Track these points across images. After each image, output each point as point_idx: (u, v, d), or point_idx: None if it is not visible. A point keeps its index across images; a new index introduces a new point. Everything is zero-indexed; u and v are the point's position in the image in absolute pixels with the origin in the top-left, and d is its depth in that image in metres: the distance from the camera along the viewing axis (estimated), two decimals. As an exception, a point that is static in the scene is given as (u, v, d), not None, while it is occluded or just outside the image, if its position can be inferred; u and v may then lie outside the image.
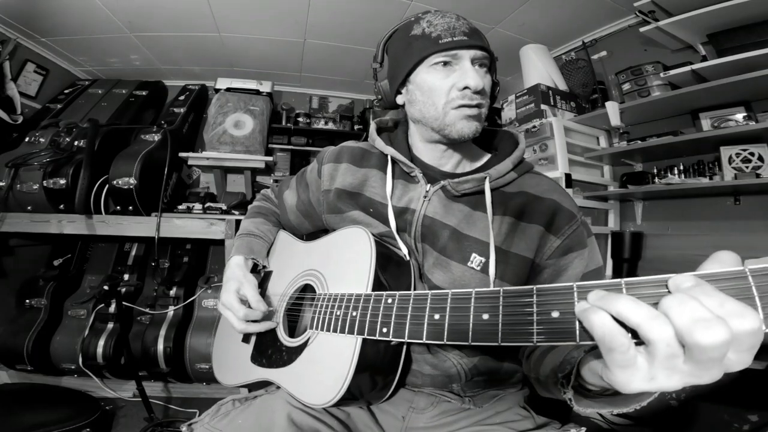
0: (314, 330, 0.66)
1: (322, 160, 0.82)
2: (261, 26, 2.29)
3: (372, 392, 0.63)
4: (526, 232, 0.65)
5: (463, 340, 0.44)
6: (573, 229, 0.65)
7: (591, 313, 0.32)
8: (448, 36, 0.63)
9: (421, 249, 0.69)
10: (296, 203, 0.88)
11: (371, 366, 0.59)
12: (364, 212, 0.74)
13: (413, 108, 0.70)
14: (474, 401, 0.71)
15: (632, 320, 0.30)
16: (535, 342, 0.38)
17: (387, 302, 0.55)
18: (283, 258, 0.87)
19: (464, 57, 0.64)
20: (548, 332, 0.37)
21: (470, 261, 0.65)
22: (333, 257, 0.72)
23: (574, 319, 0.35)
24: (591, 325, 0.32)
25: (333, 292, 0.66)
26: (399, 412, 0.71)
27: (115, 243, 2.22)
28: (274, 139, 2.97)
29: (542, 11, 2.04)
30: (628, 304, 0.30)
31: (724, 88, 1.54)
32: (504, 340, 0.40)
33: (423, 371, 0.69)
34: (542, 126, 2.01)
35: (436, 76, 0.65)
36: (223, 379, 0.84)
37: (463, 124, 0.65)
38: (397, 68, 0.69)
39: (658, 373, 0.30)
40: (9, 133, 2.05)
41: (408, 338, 0.50)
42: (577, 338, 0.35)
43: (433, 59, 0.64)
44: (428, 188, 0.69)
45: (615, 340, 0.31)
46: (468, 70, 0.63)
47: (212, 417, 0.66)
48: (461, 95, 0.63)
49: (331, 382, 0.58)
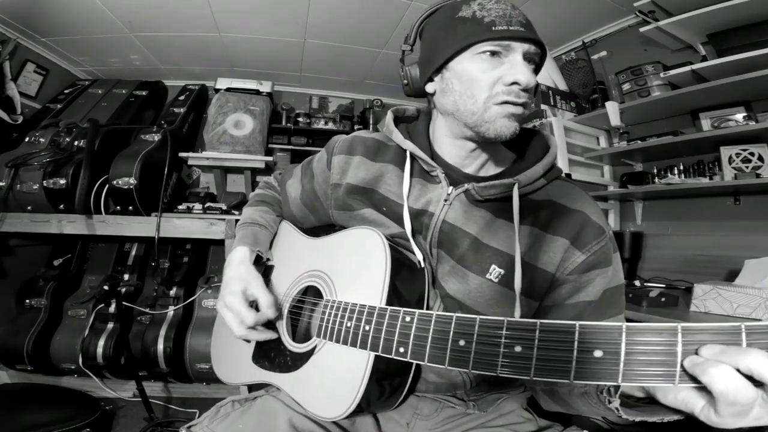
0: (321, 339, 0.63)
1: (333, 150, 0.74)
2: (261, 26, 2.29)
3: (381, 404, 0.62)
4: (550, 245, 0.61)
5: (490, 371, 0.41)
6: (600, 245, 0.60)
7: (711, 366, 0.31)
8: (503, 24, 0.56)
9: (437, 255, 0.65)
10: (300, 194, 0.81)
11: (382, 381, 0.58)
12: (376, 211, 0.69)
13: (446, 98, 0.62)
14: (477, 405, 0.71)
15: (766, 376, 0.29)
16: (571, 380, 0.36)
17: (405, 320, 0.51)
18: (286, 252, 0.82)
19: (517, 50, 0.57)
20: (587, 371, 0.36)
21: (489, 273, 0.61)
22: (342, 260, 0.68)
23: (617, 360, 0.34)
24: (711, 379, 0.31)
25: (342, 299, 0.62)
26: (403, 418, 0.70)
27: (115, 243, 2.22)
28: (274, 139, 2.97)
29: (542, 11, 2.03)
30: (763, 360, 0.30)
31: (724, 88, 1.54)
32: (537, 375, 0.38)
33: (428, 379, 0.68)
34: (542, 126, 2.01)
35: (481, 66, 0.57)
36: (223, 375, 0.83)
37: (503, 123, 0.58)
38: (434, 51, 0.62)
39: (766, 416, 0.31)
40: (9, 133, 2.04)
41: (428, 362, 0.47)
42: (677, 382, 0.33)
43: (481, 47, 0.57)
44: (450, 191, 0.64)
45: (742, 395, 0.30)
46: (519, 63, 0.57)
47: (211, 419, 0.65)
48: (507, 90, 0.57)
49: (342, 395, 0.56)
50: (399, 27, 2.21)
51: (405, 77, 0.67)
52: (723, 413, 0.32)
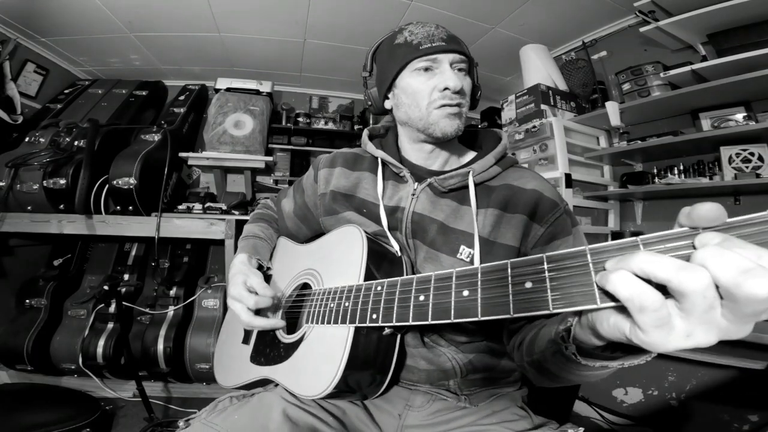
0: (310, 324, 0.68)
1: (318, 165, 0.87)
2: (261, 26, 2.29)
3: (367, 385, 0.63)
4: (510, 222, 0.68)
5: (446, 318, 0.46)
6: (556, 216, 0.68)
7: (611, 274, 0.31)
8: (427, 42, 0.69)
9: (413, 245, 0.72)
10: (293, 209, 0.91)
11: (365, 357, 0.60)
12: (357, 213, 0.77)
13: (399, 111, 0.75)
14: (470, 400, 0.71)
15: (659, 275, 0.29)
16: (511, 313, 0.39)
17: (377, 290, 0.57)
18: (283, 261, 0.88)
19: (443, 61, 0.69)
20: (523, 302, 0.38)
21: (459, 253, 0.68)
22: (328, 255, 0.75)
23: (545, 287, 0.37)
24: (615, 287, 0.31)
25: (327, 287, 0.68)
26: (395, 409, 0.72)
27: (115, 243, 2.22)
28: (274, 139, 2.97)
29: (542, 11, 2.04)
30: (652, 258, 0.29)
31: (724, 88, 1.54)
32: (483, 314, 0.42)
33: (418, 366, 0.70)
34: (542, 126, 2.01)
35: (419, 80, 0.70)
36: (223, 381, 0.85)
37: (446, 123, 0.69)
38: (383, 75, 0.75)
39: (696, 329, 0.29)
40: (9, 133, 2.05)
41: (396, 321, 0.53)
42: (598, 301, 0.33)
43: (415, 64, 0.70)
44: (416, 186, 0.73)
45: (645, 298, 0.29)
46: (447, 72, 0.68)
47: (209, 413, 0.67)
48: (442, 95, 0.68)
49: (325, 372, 0.59)
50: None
51: (369, 99, 0.80)
52: (643, 325, 0.31)
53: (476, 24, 2.18)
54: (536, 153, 2.06)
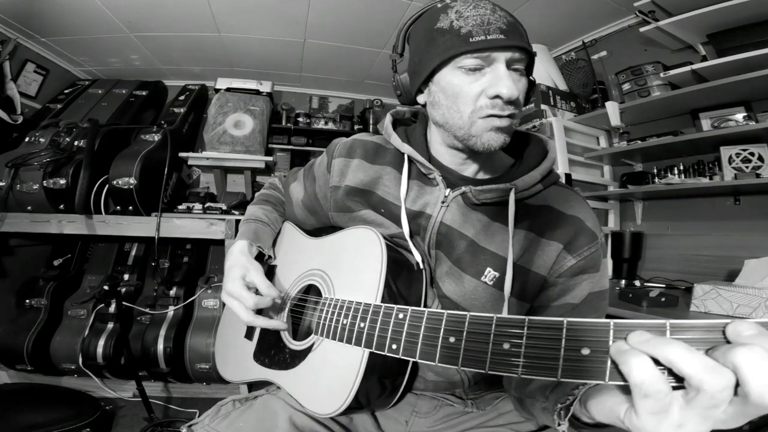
0: (319, 336, 0.64)
1: (333, 153, 0.75)
2: (261, 26, 2.29)
3: (377, 401, 0.62)
4: (545, 249, 0.61)
5: (479, 368, 0.41)
6: (591, 251, 0.61)
7: (631, 356, 0.30)
8: (480, 33, 0.53)
9: (435, 256, 0.65)
10: (303, 197, 0.82)
11: (378, 378, 0.58)
12: (375, 212, 0.70)
13: (435, 111, 0.62)
14: (476, 404, 0.71)
15: (684, 369, 0.28)
16: (559, 378, 0.36)
17: (398, 317, 0.52)
18: (288, 252, 0.83)
19: (499, 59, 0.55)
20: (574, 369, 0.35)
21: (484, 275, 0.62)
22: (340, 259, 0.69)
23: (606, 358, 0.33)
24: (629, 369, 0.30)
25: (339, 297, 0.63)
26: (402, 416, 0.70)
27: (115, 243, 2.22)
28: (274, 139, 2.97)
29: (542, 11, 2.03)
30: (682, 352, 0.28)
31: (724, 88, 1.54)
32: (525, 373, 0.38)
33: (427, 377, 0.68)
34: (542, 126, 2.01)
35: (464, 80, 0.56)
36: (225, 372, 0.84)
37: (490, 137, 0.57)
38: (419, 65, 0.61)
39: (690, 421, 0.29)
40: (9, 133, 2.04)
41: (419, 358, 0.48)
42: (607, 378, 0.33)
43: (461, 61, 0.55)
44: (447, 193, 0.64)
45: (654, 387, 0.29)
46: (502, 75, 0.54)
47: (212, 418, 0.66)
48: (491, 104, 0.55)
49: (337, 392, 0.57)
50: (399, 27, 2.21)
51: (397, 87, 0.67)
52: (640, 410, 0.31)
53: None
54: (536, 153, 2.05)
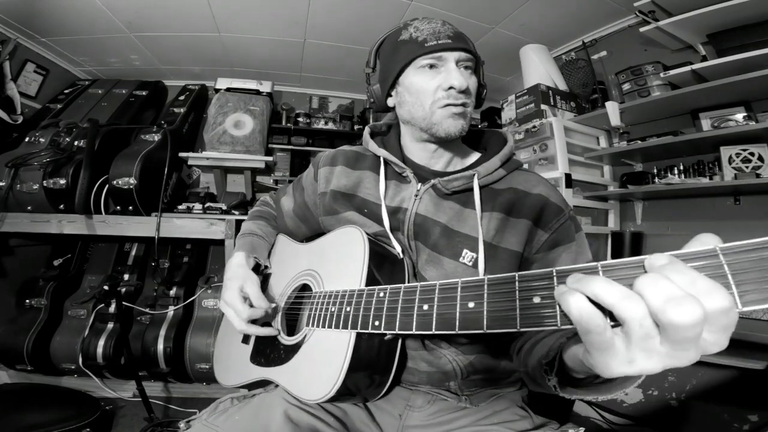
0: (310, 327, 0.68)
1: (318, 163, 0.85)
2: (261, 26, 2.29)
3: (368, 388, 0.63)
4: (515, 227, 0.67)
5: (450, 328, 0.45)
6: (561, 223, 0.67)
7: (568, 295, 0.32)
8: (433, 39, 0.66)
9: (415, 247, 0.71)
10: (293, 207, 0.90)
11: (366, 361, 0.60)
12: (358, 213, 0.76)
13: (402, 109, 0.73)
14: (471, 400, 0.71)
15: (606, 300, 0.30)
16: (518, 327, 0.38)
17: (379, 296, 0.56)
18: (282, 260, 0.87)
19: (449, 59, 0.67)
20: (530, 317, 0.38)
21: (462, 257, 0.67)
22: (328, 256, 0.74)
23: (554, 303, 0.35)
24: (568, 308, 0.32)
25: (328, 289, 0.68)
26: (396, 410, 0.71)
27: (115, 243, 2.22)
28: (274, 139, 2.97)
29: (542, 11, 2.04)
30: (603, 284, 0.31)
31: (724, 88, 1.54)
32: (489, 327, 0.41)
33: (419, 368, 0.70)
34: (542, 126, 2.01)
35: (423, 78, 0.68)
36: (224, 380, 0.85)
37: (450, 123, 0.67)
38: (387, 72, 0.72)
39: (637, 356, 0.31)
40: (9, 133, 2.05)
41: (398, 329, 0.52)
42: (558, 322, 0.35)
43: (419, 62, 0.67)
44: (419, 187, 0.72)
45: (591, 321, 0.31)
46: (452, 71, 0.66)
47: (210, 414, 0.67)
48: (447, 95, 0.66)
49: (327, 377, 0.59)
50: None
51: (371, 96, 0.77)
52: (589, 347, 0.33)
53: (476, 24, 2.18)
54: (536, 153, 2.06)
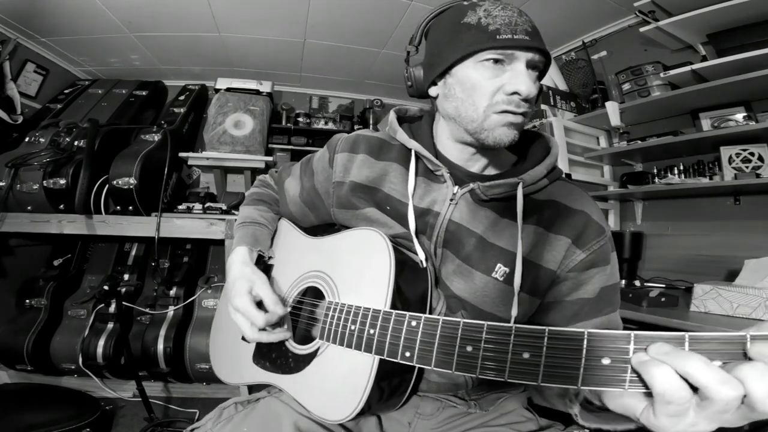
0: (324, 341, 0.63)
1: (335, 148, 0.73)
2: (261, 26, 2.29)
3: (386, 406, 0.62)
4: (552, 243, 0.62)
5: (498, 376, 0.42)
6: (600, 244, 0.62)
7: (652, 366, 0.33)
8: (508, 32, 0.55)
9: (441, 254, 0.65)
10: (299, 192, 0.80)
11: (387, 383, 0.58)
12: (379, 210, 0.68)
13: (448, 103, 0.62)
14: (479, 404, 0.71)
15: (700, 381, 0.31)
16: (579, 386, 0.37)
17: (411, 325, 0.51)
18: (286, 251, 0.81)
19: (520, 59, 0.57)
20: (595, 377, 0.36)
21: (494, 272, 0.62)
22: (345, 262, 0.67)
23: (627, 368, 0.35)
24: (652, 379, 0.32)
25: (345, 301, 0.62)
26: (405, 418, 0.70)
27: (115, 243, 2.22)
28: (274, 139, 2.97)
29: (542, 11, 2.03)
30: (699, 365, 0.31)
31: (724, 88, 1.54)
32: (544, 381, 0.39)
33: (430, 378, 0.68)
34: (542, 126, 2.02)
35: (484, 74, 0.57)
36: (222, 374, 0.82)
37: (502, 131, 0.58)
38: (438, 57, 0.62)
39: (703, 421, 0.32)
40: (9, 133, 2.04)
41: (435, 366, 0.48)
42: (627, 386, 0.35)
43: (484, 55, 0.57)
44: (456, 190, 0.64)
45: (676, 394, 0.32)
46: (521, 73, 0.56)
47: (215, 422, 0.65)
48: (508, 100, 0.57)
49: (347, 399, 0.56)
50: (399, 27, 2.22)
51: (409, 79, 0.67)
52: (659, 413, 0.33)
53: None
54: (536, 153, 2.05)
